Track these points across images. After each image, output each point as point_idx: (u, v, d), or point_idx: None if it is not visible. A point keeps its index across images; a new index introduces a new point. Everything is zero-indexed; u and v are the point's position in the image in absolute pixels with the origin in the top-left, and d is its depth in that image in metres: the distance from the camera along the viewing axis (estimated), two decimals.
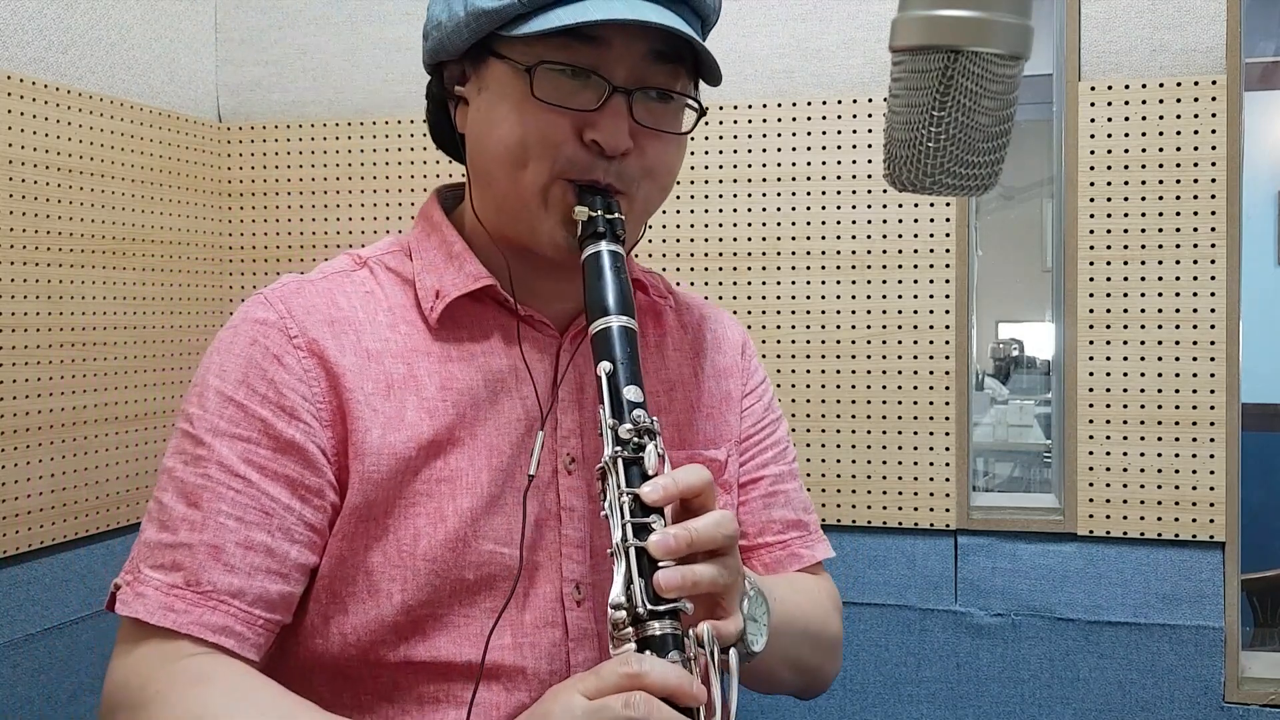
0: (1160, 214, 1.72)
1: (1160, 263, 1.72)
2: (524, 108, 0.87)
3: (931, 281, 1.81)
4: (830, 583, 1.12)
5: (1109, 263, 1.74)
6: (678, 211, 1.90)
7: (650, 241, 1.91)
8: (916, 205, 1.81)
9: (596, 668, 0.74)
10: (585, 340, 0.96)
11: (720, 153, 1.89)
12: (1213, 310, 1.70)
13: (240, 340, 0.89)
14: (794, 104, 1.86)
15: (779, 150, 1.87)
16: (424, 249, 0.97)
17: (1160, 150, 1.72)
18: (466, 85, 0.93)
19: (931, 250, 1.81)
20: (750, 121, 1.87)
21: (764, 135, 1.87)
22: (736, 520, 0.81)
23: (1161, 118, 1.72)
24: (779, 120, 1.86)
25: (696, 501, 0.79)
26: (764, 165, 1.87)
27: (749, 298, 1.88)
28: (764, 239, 1.87)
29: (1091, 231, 1.75)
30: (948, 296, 1.81)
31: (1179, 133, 1.71)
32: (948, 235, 1.81)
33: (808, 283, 1.86)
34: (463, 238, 0.96)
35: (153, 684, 0.80)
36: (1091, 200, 1.75)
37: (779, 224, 1.87)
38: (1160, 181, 1.72)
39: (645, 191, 0.91)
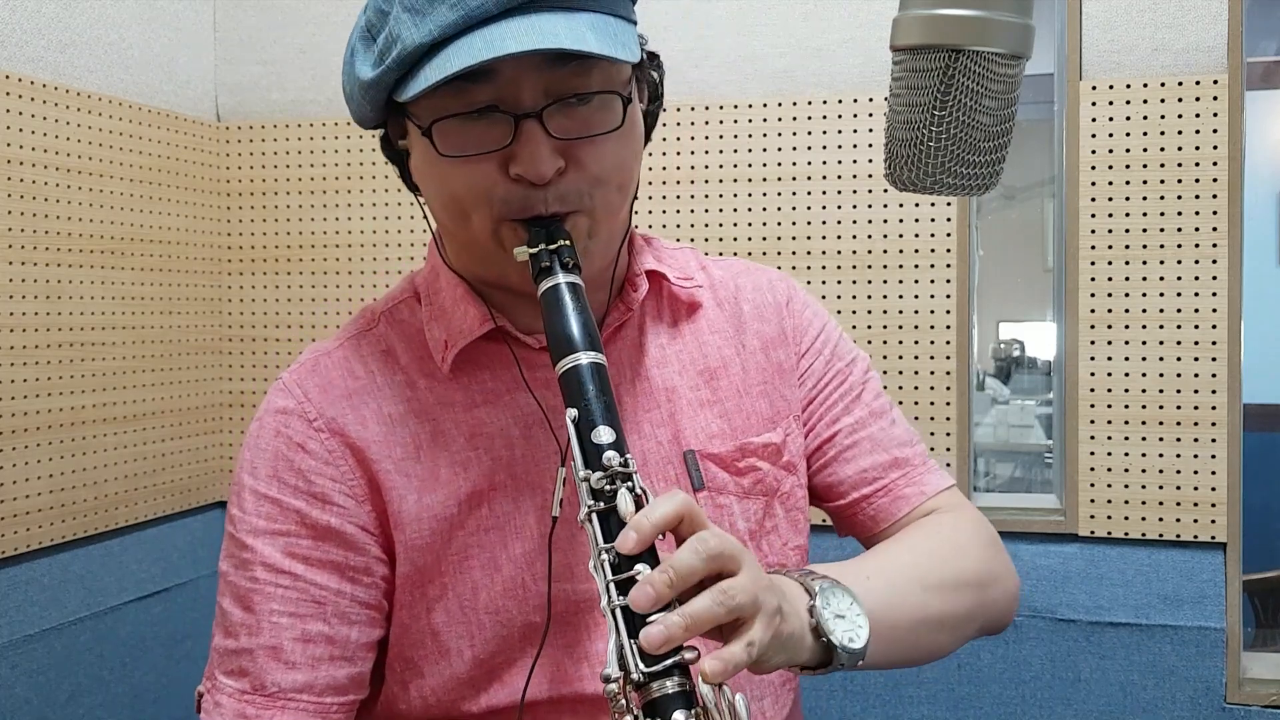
0: (1161, 214, 1.72)
1: (1161, 263, 1.72)
2: (441, 165, 0.84)
3: (932, 281, 1.81)
4: (961, 512, 1.02)
5: (1110, 262, 1.74)
6: (678, 211, 1.90)
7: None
8: (917, 205, 1.81)
9: None
10: (609, 350, 0.92)
11: (720, 153, 1.88)
12: (1214, 310, 1.70)
13: (265, 433, 0.89)
14: (794, 103, 1.86)
15: (779, 150, 1.86)
16: (432, 293, 0.94)
17: (1161, 150, 1.72)
18: (406, 138, 0.90)
19: (932, 250, 1.81)
20: (750, 121, 1.87)
21: (764, 135, 1.87)
22: (721, 536, 0.74)
23: (1163, 117, 1.71)
24: (779, 120, 1.86)
25: (683, 529, 0.74)
26: (764, 165, 1.87)
27: None
28: (764, 239, 1.87)
29: (1093, 231, 1.74)
30: (948, 296, 1.80)
31: (1180, 132, 1.71)
32: (948, 235, 1.80)
33: (808, 283, 1.85)
34: (464, 281, 0.93)
35: None
36: (1093, 200, 1.74)
37: (779, 224, 1.86)
38: (1161, 181, 1.72)
39: (601, 198, 0.86)
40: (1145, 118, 1.72)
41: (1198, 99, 1.70)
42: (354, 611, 0.87)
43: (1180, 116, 1.71)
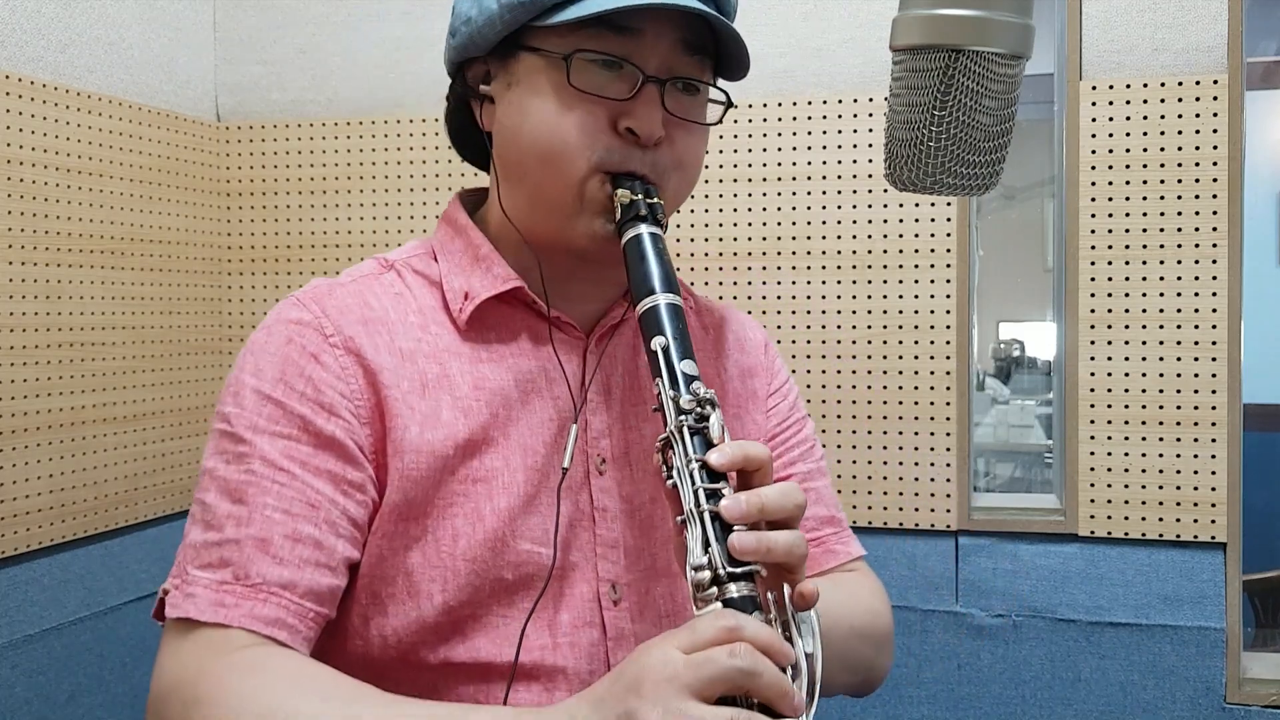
0: (1161, 214, 1.72)
1: (1161, 263, 1.72)
2: (560, 97, 0.87)
3: (932, 281, 1.81)
4: (874, 578, 1.11)
5: (1110, 263, 1.74)
6: (678, 211, 1.90)
7: None
8: (917, 205, 1.81)
9: (689, 623, 0.72)
10: (610, 342, 0.97)
11: (720, 152, 1.88)
12: (1214, 310, 1.70)
13: (275, 340, 0.89)
14: (794, 103, 1.85)
15: (779, 150, 1.86)
16: (450, 251, 0.97)
17: (1161, 150, 1.72)
18: (493, 83, 0.93)
19: (932, 250, 1.81)
20: (750, 121, 1.87)
21: (764, 135, 1.87)
22: (805, 496, 0.80)
23: (1163, 117, 1.71)
24: (779, 120, 1.86)
25: (757, 475, 0.79)
26: (764, 165, 1.87)
27: (749, 298, 1.87)
28: (764, 239, 1.87)
29: (1093, 231, 1.74)
30: (948, 296, 1.80)
31: (1180, 132, 1.71)
32: (948, 235, 1.80)
33: (808, 283, 1.85)
34: (489, 240, 0.96)
35: (207, 678, 0.79)
36: (1093, 200, 1.74)
37: (779, 224, 1.86)
38: (1161, 181, 1.72)
39: (675, 183, 0.92)
40: (1145, 118, 1.72)
41: (1198, 99, 1.70)
42: (343, 524, 0.86)
43: (1180, 116, 1.71)
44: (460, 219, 0.99)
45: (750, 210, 1.87)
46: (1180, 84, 1.71)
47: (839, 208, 1.84)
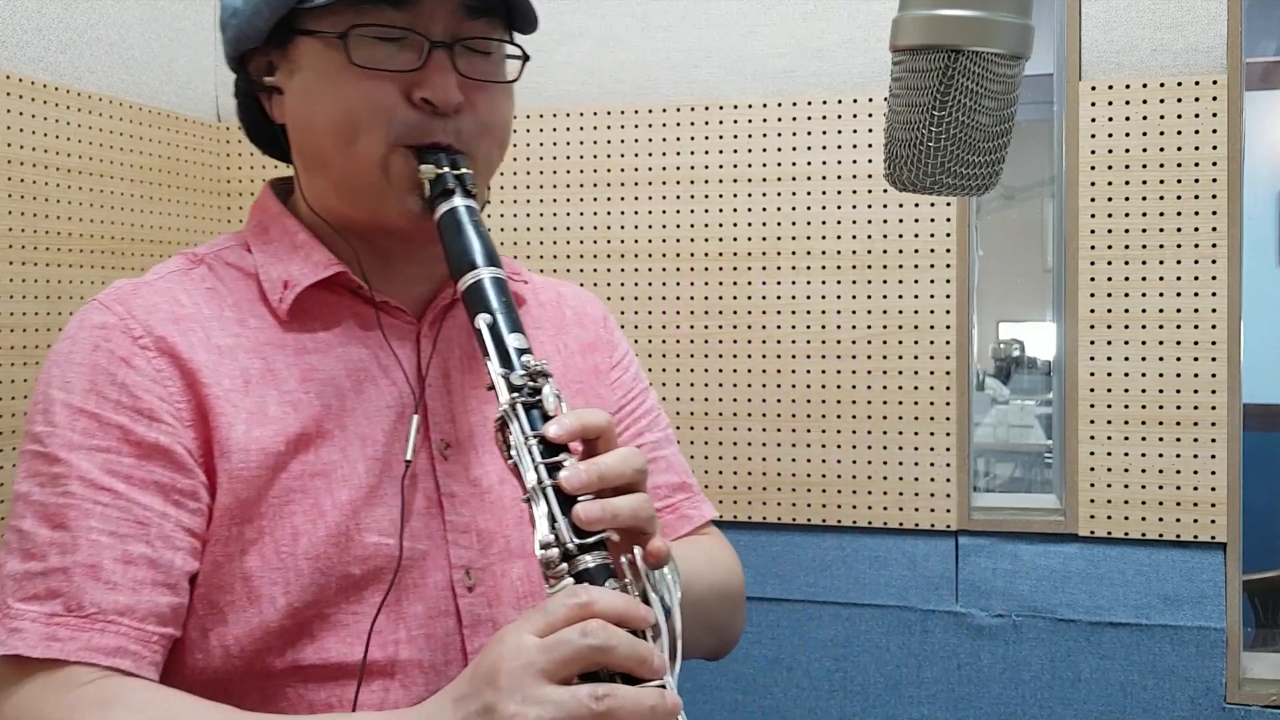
0: (1161, 214, 1.72)
1: (1161, 263, 1.72)
2: (344, 78, 0.84)
3: (932, 281, 1.81)
4: (725, 541, 1.10)
5: (1110, 263, 1.74)
6: (678, 211, 1.90)
7: (650, 241, 1.91)
8: (917, 205, 1.81)
9: (540, 605, 0.72)
10: (444, 324, 0.93)
11: (720, 153, 1.88)
12: (1214, 310, 1.70)
13: (81, 348, 0.84)
14: (794, 104, 1.86)
15: (779, 150, 1.86)
16: (264, 241, 0.92)
17: (1161, 150, 1.72)
18: (276, 74, 0.89)
19: (932, 250, 1.81)
20: (750, 121, 1.87)
21: (764, 135, 1.87)
22: (644, 458, 0.79)
23: (1162, 118, 1.72)
24: (779, 120, 1.86)
25: (600, 443, 0.78)
26: (764, 165, 1.87)
27: (749, 298, 1.87)
28: (764, 239, 1.87)
29: (1092, 231, 1.74)
30: (948, 296, 1.80)
31: (1180, 133, 1.71)
32: (948, 235, 1.80)
33: (808, 283, 1.85)
34: (306, 228, 0.92)
35: (51, 718, 0.74)
36: (1092, 200, 1.74)
37: (779, 224, 1.86)
38: (1161, 181, 1.72)
39: (485, 148, 0.89)
40: (1145, 118, 1.72)
41: (1197, 99, 1.70)
42: (179, 537, 0.81)
43: (1180, 117, 1.71)
44: (273, 206, 0.94)
45: (750, 210, 1.87)
46: (1180, 84, 1.71)
47: (839, 208, 1.84)
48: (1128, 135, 1.73)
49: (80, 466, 0.80)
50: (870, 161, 1.83)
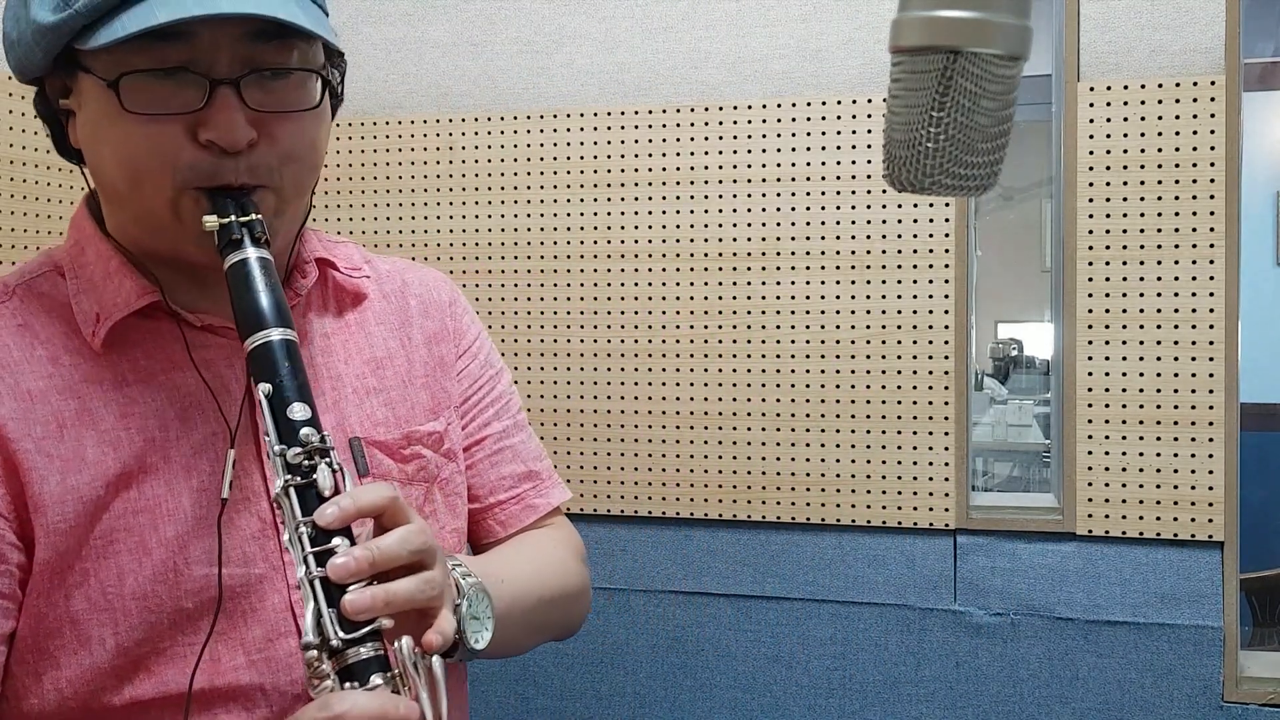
0: (1159, 214, 1.72)
1: (1159, 263, 1.73)
2: (122, 124, 0.79)
3: (931, 281, 1.81)
4: (567, 529, 1.11)
5: (1108, 263, 1.75)
6: (678, 212, 1.91)
7: (650, 242, 1.91)
8: (916, 205, 1.81)
9: (298, 715, 0.71)
10: None
11: (720, 153, 1.89)
12: (1212, 310, 1.71)
13: None
14: (794, 104, 1.86)
15: (779, 150, 1.87)
16: (78, 266, 0.88)
17: (1159, 150, 1.72)
18: (70, 97, 0.84)
19: (931, 250, 1.81)
20: (750, 122, 1.88)
21: (764, 135, 1.87)
22: (428, 533, 0.77)
23: (1160, 118, 1.72)
24: (779, 120, 1.87)
25: (385, 519, 0.76)
26: (764, 165, 1.87)
27: (748, 298, 1.88)
28: (764, 239, 1.87)
29: (1090, 232, 1.75)
30: (947, 296, 1.81)
31: (1178, 133, 1.72)
32: (947, 235, 1.81)
33: (807, 283, 1.86)
34: (120, 253, 0.87)
35: None
36: (1090, 200, 1.75)
37: (779, 224, 1.87)
38: (1159, 182, 1.72)
39: (290, 177, 0.84)
40: (1143, 119, 1.73)
41: (1195, 100, 1.71)
42: None
43: (1178, 118, 1.72)
44: (87, 227, 0.89)
45: (750, 211, 1.88)
46: (1178, 85, 1.71)
47: (838, 208, 1.85)
48: (1126, 136, 1.73)
49: None
50: (869, 162, 1.83)
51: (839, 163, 1.85)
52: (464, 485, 1.03)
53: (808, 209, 1.86)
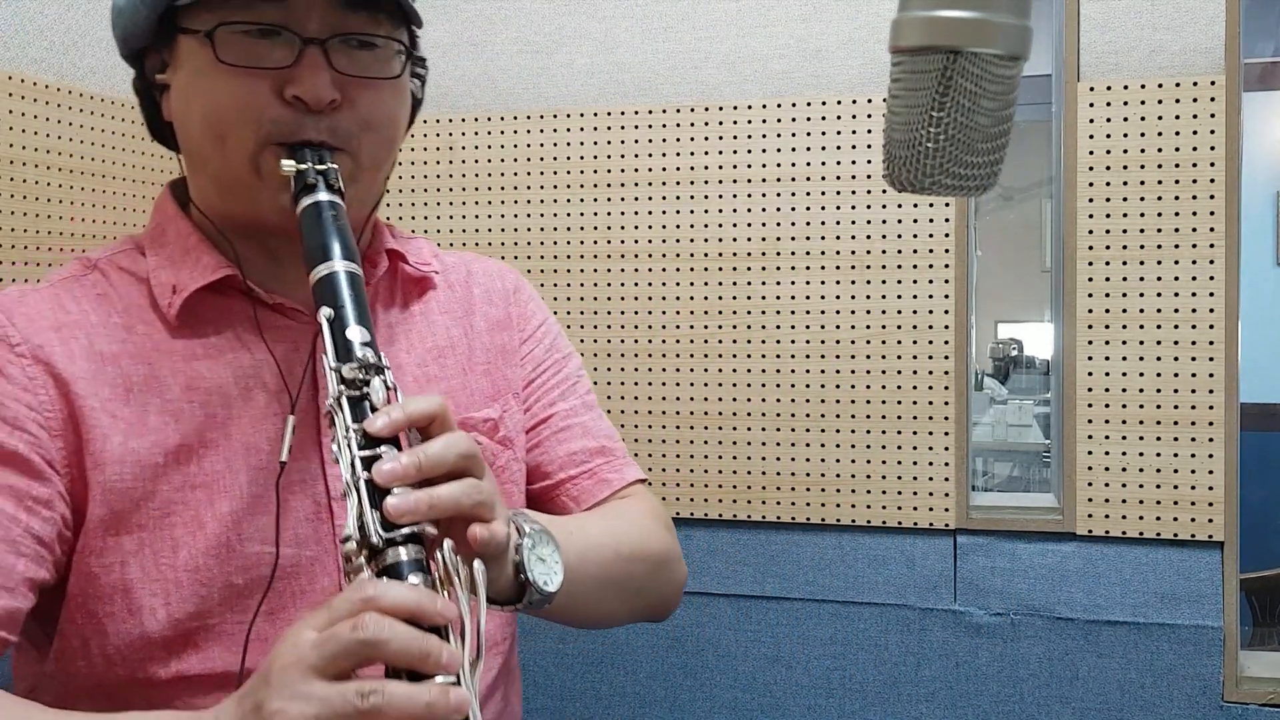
0: (1159, 214, 1.73)
1: (1159, 263, 1.73)
2: (213, 76, 0.83)
3: (931, 281, 1.82)
4: (650, 500, 1.09)
5: (1108, 263, 1.75)
6: (678, 212, 1.91)
7: (650, 241, 1.91)
8: (916, 205, 1.81)
9: (328, 600, 0.70)
10: None
11: (720, 153, 1.89)
12: (1212, 310, 1.71)
13: None
14: (794, 104, 1.86)
15: (779, 150, 1.87)
16: (158, 245, 0.92)
17: (1159, 150, 1.72)
18: (167, 71, 0.88)
19: (931, 250, 1.82)
20: (750, 122, 1.88)
21: (764, 135, 1.87)
22: (474, 441, 0.77)
23: (1160, 118, 1.72)
24: (779, 120, 1.87)
25: (433, 428, 0.76)
26: (764, 165, 1.87)
27: (749, 298, 1.88)
28: (764, 239, 1.88)
29: (1090, 232, 1.75)
30: (947, 297, 1.81)
31: (1178, 133, 1.72)
32: (947, 235, 1.81)
33: (807, 283, 1.86)
34: (199, 230, 0.91)
35: None
36: (1090, 200, 1.75)
37: (779, 224, 1.87)
38: (1159, 182, 1.72)
39: (368, 146, 0.87)
40: (1143, 119, 1.73)
41: (1195, 100, 1.71)
42: (25, 542, 0.80)
43: (1178, 118, 1.72)
44: (169, 209, 0.94)
45: (750, 211, 1.88)
46: (1178, 85, 1.71)
47: (838, 208, 1.85)
48: (1126, 136, 1.74)
49: None
50: (869, 162, 1.83)
51: (839, 163, 1.85)
52: (521, 474, 1.03)
53: (808, 209, 1.86)
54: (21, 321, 0.85)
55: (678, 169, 1.91)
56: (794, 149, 1.86)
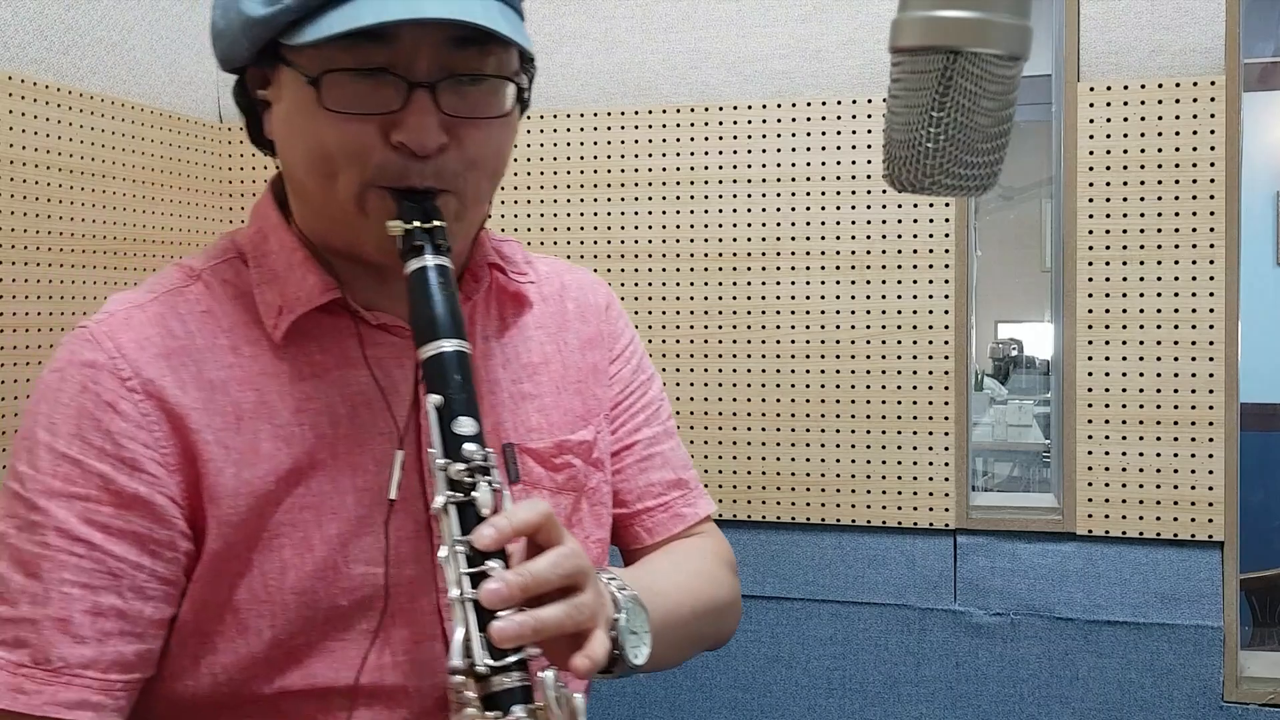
0: (1159, 214, 1.73)
1: (1159, 263, 1.73)
2: (319, 119, 0.80)
3: (931, 281, 1.82)
4: (718, 539, 1.09)
5: (1108, 263, 1.75)
6: (678, 212, 1.91)
7: (650, 242, 1.91)
8: (916, 205, 1.82)
9: None
10: None
11: (720, 153, 1.89)
12: (1211, 310, 1.71)
13: (69, 388, 0.83)
14: (794, 104, 1.86)
15: (779, 150, 1.87)
16: (260, 255, 0.90)
17: (1159, 150, 1.72)
18: (269, 89, 0.86)
19: (931, 250, 1.82)
20: (750, 122, 1.88)
21: (764, 135, 1.87)
22: (583, 554, 0.77)
23: (1160, 118, 1.72)
24: (779, 120, 1.87)
25: (539, 538, 0.76)
26: (764, 165, 1.88)
27: (749, 298, 1.88)
28: (764, 239, 1.88)
29: (1090, 232, 1.75)
30: (947, 297, 1.81)
31: (1178, 133, 1.72)
32: (947, 235, 1.81)
33: (807, 283, 1.86)
34: (303, 245, 0.89)
35: None
36: (1090, 200, 1.75)
37: (779, 224, 1.87)
38: (1159, 182, 1.72)
39: (473, 183, 0.85)
40: (1143, 119, 1.73)
41: (1195, 100, 1.71)
42: (151, 586, 0.81)
43: (1178, 118, 1.72)
44: (272, 216, 0.91)
45: (750, 211, 1.88)
46: (1178, 85, 1.72)
47: (838, 208, 1.85)
48: (1126, 136, 1.74)
49: (58, 516, 0.80)
50: (869, 162, 1.84)
51: (839, 163, 1.85)
52: (609, 494, 1.03)
53: (808, 209, 1.86)
54: (131, 350, 0.83)
55: (678, 169, 1.91)
56: (794, 149, 1.86)
